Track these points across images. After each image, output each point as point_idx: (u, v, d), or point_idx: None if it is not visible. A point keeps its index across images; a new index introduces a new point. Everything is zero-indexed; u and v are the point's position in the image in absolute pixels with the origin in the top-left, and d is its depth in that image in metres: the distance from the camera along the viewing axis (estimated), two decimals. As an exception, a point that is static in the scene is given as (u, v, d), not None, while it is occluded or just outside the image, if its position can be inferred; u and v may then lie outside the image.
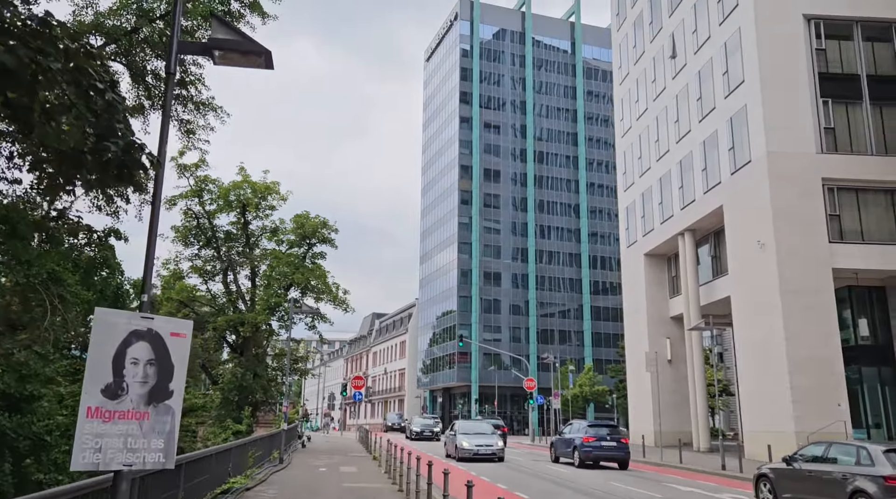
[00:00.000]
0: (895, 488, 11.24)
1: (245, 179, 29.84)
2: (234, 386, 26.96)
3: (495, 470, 21.34)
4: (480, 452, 24.96)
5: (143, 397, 5.56)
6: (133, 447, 5.47)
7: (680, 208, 36.28)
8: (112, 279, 15.94)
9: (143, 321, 5.66)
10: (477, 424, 29.89)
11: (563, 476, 19.94)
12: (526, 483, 17.49)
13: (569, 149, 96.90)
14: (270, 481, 16.31)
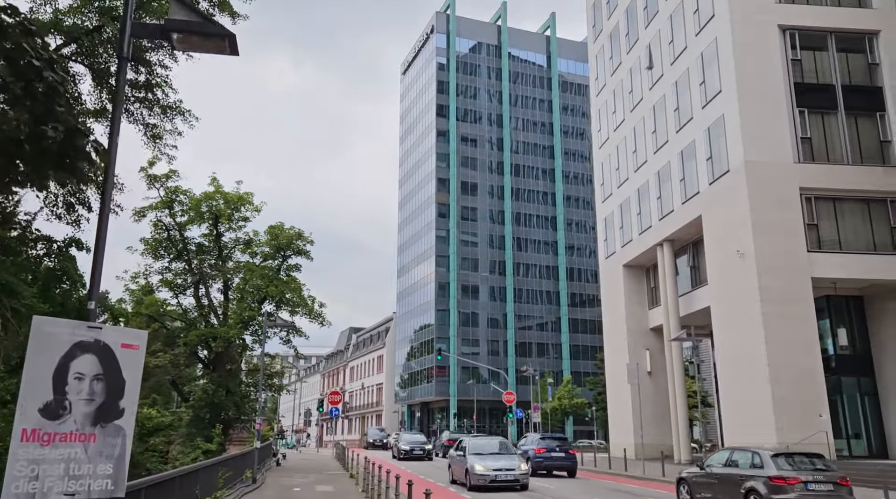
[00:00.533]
0: (779, 486, 13.42)
1: (217, 190, 29.06)
2: (205, 403, 26.00)
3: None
4: (499, 478, 18.91)
5: (88, 417, 4.95)
6: (76, 474, 4.85)
7: (658, 219, 36.19)
8: (74, 292, 15.12)
9: (89, 332, 5.07)
10: (489, 441, 22.42)
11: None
12: None
13: (545, 162, 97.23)
14: (241, 503, 15.58)
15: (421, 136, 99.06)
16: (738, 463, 15.04)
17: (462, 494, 18.74)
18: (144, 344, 5.44)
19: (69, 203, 13.96)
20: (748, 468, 14.52)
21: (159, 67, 13.22)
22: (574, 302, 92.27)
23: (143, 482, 8.86)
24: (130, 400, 5.23)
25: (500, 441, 22.26)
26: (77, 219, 14.15)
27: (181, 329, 28.39)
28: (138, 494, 8.56)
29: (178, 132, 14.11)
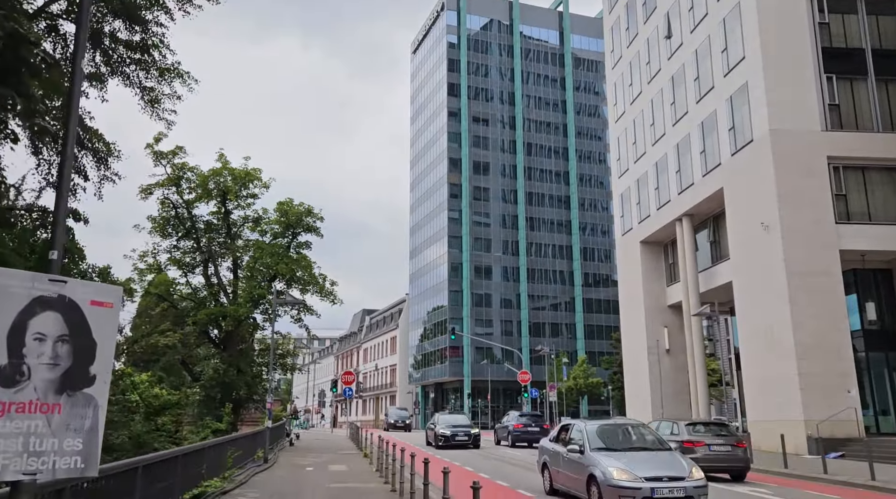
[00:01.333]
0: (689, 448, 16.73)
1: (225, 166, 28.35)
2: (216, 382, 25.55)
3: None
4: None
5: (51, 384, 4.25)
6: (37, 450, 4.16)
7: (677, 193, 35.18)
8: (73, 266, 14.51)
9: (51, 285, 4.36)
10: (627, 429, 13.15)
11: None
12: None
13: (558, 140, 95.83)
14: (252, 483, 15.02)
15: (432, 115, 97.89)
16: (663, 430, 18.22)
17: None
18: (119, 301, 4.74)
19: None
20: (668, 436, 17.32)
21: (155, 26, 12.48)
22: (588, 282, 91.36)
23: (139, 461, 8.24)
24: (103, 366, 4.54)
25: (641, 430, 13.13)
26: (73, 188, 13.52)
27: (191, 308, 27.88)
28: (133, 473, 7.95)
29: (176, 96, 13.40)
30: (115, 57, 12.66)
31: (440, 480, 9.26)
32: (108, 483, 7.24)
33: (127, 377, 18.16)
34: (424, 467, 10.22)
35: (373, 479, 16.37)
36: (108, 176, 13.47)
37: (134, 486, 7.96)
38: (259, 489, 13.98)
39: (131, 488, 7.91)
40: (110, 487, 7.25)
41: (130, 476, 7.87)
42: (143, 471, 8.21)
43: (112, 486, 7.27)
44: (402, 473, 12.59)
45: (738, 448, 17.38)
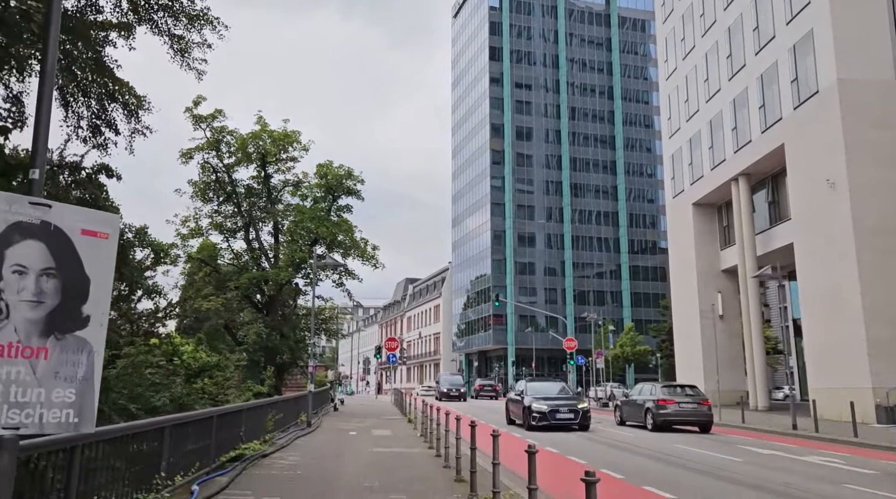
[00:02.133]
0: (663, 405, 20.90)
1: (263, 129, 27.86)
2: (259, 347, 25.44)
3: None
4: None
5: (35, 325, 3.60)
6: (20, 401, 3.52)
7: (733, 152, 33.43)
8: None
9: (32, 210, 3.67)
10: None
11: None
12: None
13: (604, 103, 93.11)
14: (293, 447, 14.65)
15: (473, 81, 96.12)
16: (643, 392, 22.77)
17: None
18: (117, 232, 4.05)
19: (94, 125, 12.87)
20: (648, 395, 22.10)
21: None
22: (634, 249, 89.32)
23: (167, 420, 7.73)
24: (99, 305, 3.86)
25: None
26: (104, 142, 13.06)
27: (233, 273, 27.73)
28: (160, 433, 7.44)
29: (206, 45, 12.76)
30: (143, 3, 12.06)
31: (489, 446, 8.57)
32: (132, 444, 6.73)
33: (169, 341, 18.00)
34: (472, 431, 9.54)
35: (417, 443, 15.85)
36: (140, 129, 12.97)
37: (161, 446, 7.46)
38: (300, 452, 13.57)
39: (158, 448, 7.42)
40: (134, 447, 6.74)
41: (157, 436, 7.37)
42: (171, 431, 7.71)
43: (136, 446, 6.77)
44: (447, 438, 11.97)
45: (703, 406, 21.25)
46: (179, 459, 8.21)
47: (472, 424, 10.12)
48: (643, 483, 10.32)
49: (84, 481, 5.74)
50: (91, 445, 5.74)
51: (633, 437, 18.91)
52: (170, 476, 7.67)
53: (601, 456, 14.02)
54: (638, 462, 13.14)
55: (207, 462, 9.60)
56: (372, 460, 12.55)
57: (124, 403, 15.25)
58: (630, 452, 15.08)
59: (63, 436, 5.34)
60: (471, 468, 8.68)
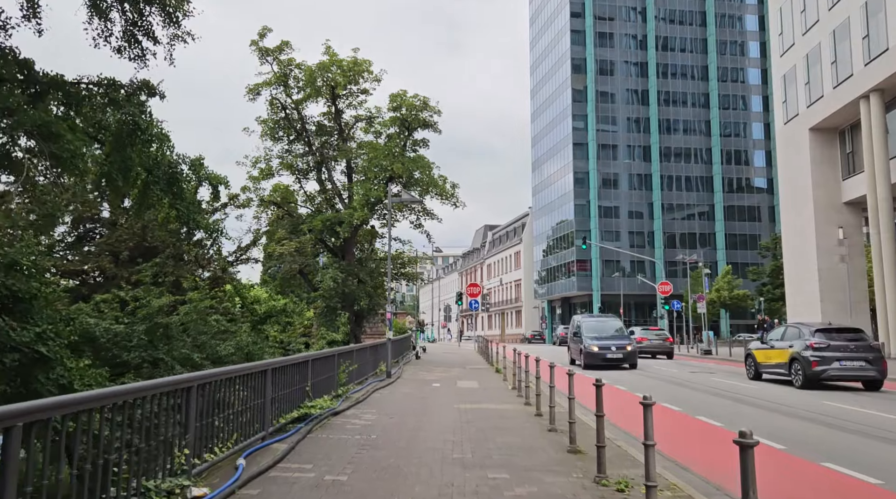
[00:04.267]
0: (640, 342, 28.45)
1: (332, 59, 25.74)
2: (334, 293, 23.93)
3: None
4: None
5: None
6: None
7: (863, 64, 28.92)
8: (161, 154, 12.48)
9: None
10: None
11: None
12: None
13: (696, 31, 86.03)
14: (370, 402, 12.89)
15: (553, 13, 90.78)
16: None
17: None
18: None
19: (129, 33, 11.06)
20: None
21: None
22: (730, 187, 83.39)
23: (192, 379, 5.81)
24: None
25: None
26: (142, 53, 11.26)
27: (307, 216, 26.23)
28: (185, 394, 5.55)
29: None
30: None
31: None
32: (138, 411, 4.85)
33: (233, 284, 16.58)
34: (569, 381, 7.37)
35: (510, 398, 13.81)
36: (180, 35, 11.08)
37: (188, 410, 5.58)
38: (377, 409, 11.76)
39: (183, 415, 5.54)
40: (143, 415, 4.85)
41: (179, 397, 5.48)
42: (199, 391, 5.81)
43: (147, 414, 4.88)
44: (552, 397, 9.80)
45: (666, 342, 29.81)
46: (215, 427, 6.35)
47: (570, 373, 8.00)
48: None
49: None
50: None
51: (781, 394, 16.17)
52: (199, 450, 5.82)
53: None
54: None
55: (261, 427, 7.78)
56: (460, 419, 10.57)
57: (188, 352, 13.88)
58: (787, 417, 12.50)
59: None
60: (598, 443, 6.43)
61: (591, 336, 23.89)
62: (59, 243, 21.98)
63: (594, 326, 25.10)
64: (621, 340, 23.94)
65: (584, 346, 23.49)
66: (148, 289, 14.31)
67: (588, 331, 24.39)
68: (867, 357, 16.48)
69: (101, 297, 14.68)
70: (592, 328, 24.69)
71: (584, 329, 24.58)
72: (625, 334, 25.22)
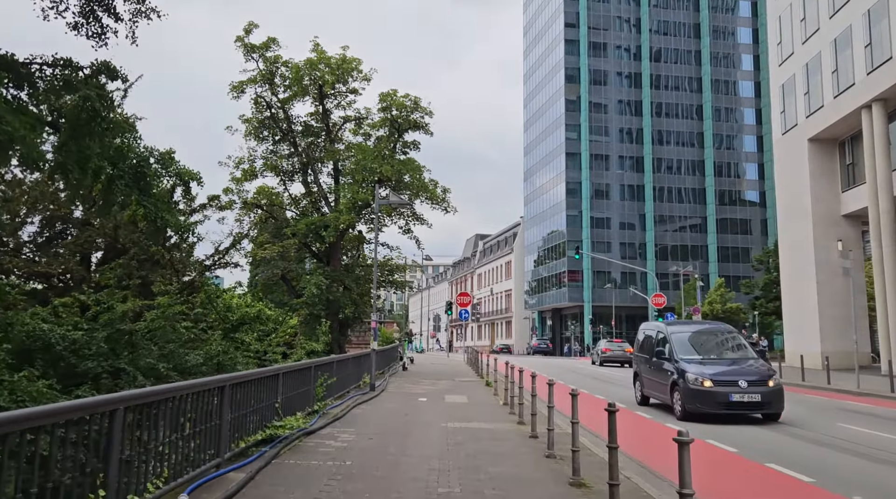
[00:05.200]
0: (604, 352, 39.99)
1: (320, 56, 24.79)
2: (318, 300, 22.86)
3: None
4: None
5: None
6: None
7: (866, 73, 28.25)
8: (126, 146, 11.44)
9: None
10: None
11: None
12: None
13: (689, 43, 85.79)
14: (349, 419, 11.82)
15: (547, 22, 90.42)
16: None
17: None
18: None
19: (87, 7, 10.04)
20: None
21: None
22: (723, 200, 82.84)
23: (116, 399, 4.76)
24: None
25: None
26: (102, 31, 10.23)
27: (291, 220, 25.16)
28: (107, 419, 4.49)
29: None
30: None
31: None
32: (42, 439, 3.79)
33: (205, 287, 15.48)
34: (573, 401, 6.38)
35: (501, 415, 12.79)
36: (143, 10, 10.07)
37: (110, 441, 4.51)
38: (356, 428, 10.69)
39: (106, 441, 4.47)
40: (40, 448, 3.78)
41: (96, 424, 4.42)
42: (127, 416, 4.75)
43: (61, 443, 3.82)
44: (551, 419, 8.76)
45: (627, 353, 30.92)
46: (152, 456, 5.29)
47: (574, 393, 7.01)
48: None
49: None
50: None
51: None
52: (127, 488, 4.75)
53: None
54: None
55: (216, 453, 6.71)
56: (447, 441, 9.52)
57: (153, 362, 12.76)
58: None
59: None
60: (610, 480, 5.41)
61: (690, 358, 13.67)
62: (28, 245, 20.86)
63: (694, 337, 14.87)
64: (752, 368, 13.44)
65: (683, 377, 13.06)
66: (112, 292, 13.20)
67: (683, 347, 14.15)
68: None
69: (60, 300, 13.57)
70: (691, 342, 14.53)
71: (676, 344, 14.19)
72: (753, 356, 14.32)
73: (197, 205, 20.52)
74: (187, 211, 19.87)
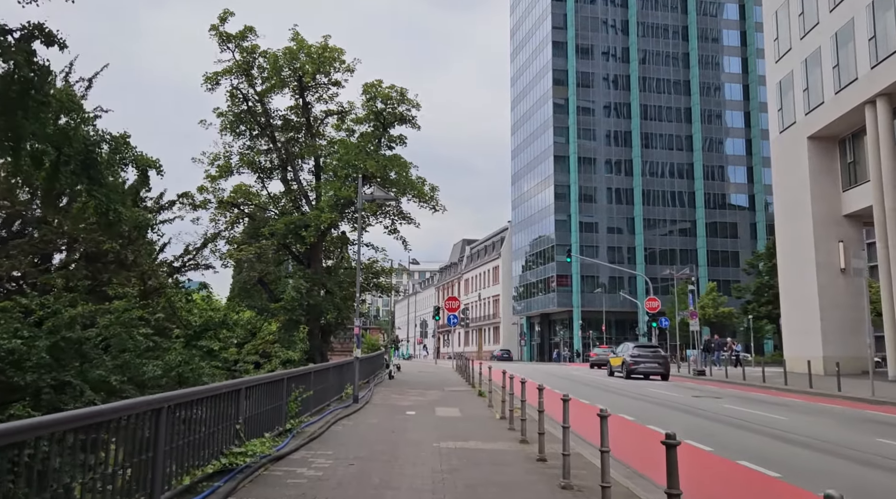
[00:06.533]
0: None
1: (300, 45, 23.33)
2: (297, 305, 21.33)
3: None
4: None
5: None
6: None
7: (870, 67, 27.24)
8: (73, 129, 9.95)
9: None
10: None
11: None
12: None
13: (678, 46, 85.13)
14: (327, 438, 10.34)
15: (535, 24, 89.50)
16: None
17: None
18: None
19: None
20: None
21: None
22: (712, 204, 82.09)
23: (38, 425, 3.28)
24: None
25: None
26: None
27: (268, 219, 23.62)
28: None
29: None
30: None
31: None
32: None
33: (166, 289, 13.92)
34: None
35: (500, 432, 11.37)
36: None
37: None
38: (335, 450, 9.21)
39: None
40: None
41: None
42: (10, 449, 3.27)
43: None
44: (566, 441, 7.35)
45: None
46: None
47: (603, 414, 5.72)
48: None
49: None
50: None
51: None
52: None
53: None
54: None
55: (148, 494, 5.23)
56: (441, 467, 8.08)
57: (104, 374, 11.22)
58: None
59: None
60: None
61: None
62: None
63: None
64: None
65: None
66: (59, 295, 11.67)
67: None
68: (659, 362, 29.57)
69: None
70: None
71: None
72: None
73: (166, 202, 19.01)
74: (155, 208, 18.33)
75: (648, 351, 30.23)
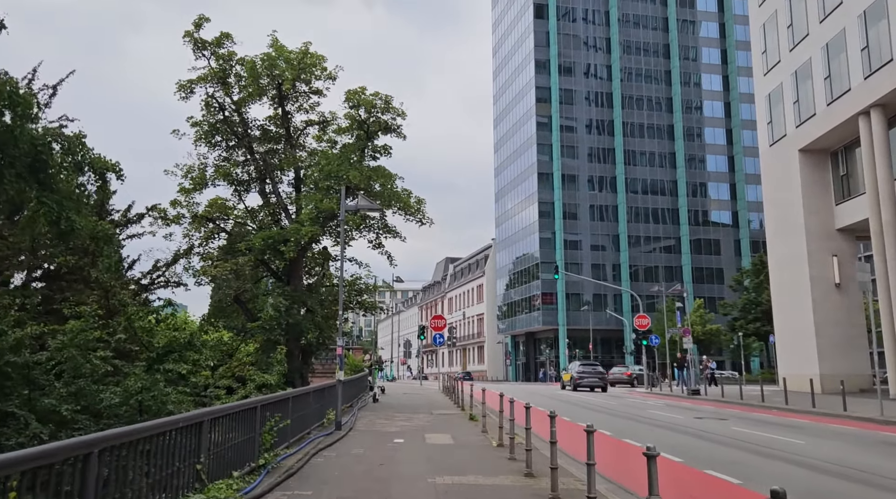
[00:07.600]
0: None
1: (279, 51, 22.29)
2: (276, 324, 20.07)
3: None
4: None
5: None
6: None
7: (863, 77, 26.77)
8: (18, 127, 8.79)
9: None
10: None
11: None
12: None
13: (659, 62, 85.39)
14: (305, 474, 9.13)
15: (517, 41, 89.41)
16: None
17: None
18: None
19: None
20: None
21: None
22: (696, 221, 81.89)
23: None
24: None
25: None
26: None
27: (245, 235, 22.38)
28: None
29: None
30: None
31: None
32: None
33: (126, 307, 12.65)
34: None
35: (499, 462, 10.22)
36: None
37: None
38: (314, 490, 8.00)
39: None
40: None
41: None
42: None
43: None
44: (591, 481, 6.24)
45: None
46: None
47: (650, 453, 4.54)
48: None
49: None
50: None
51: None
52: None
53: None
54: None
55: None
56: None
57: (54, 402, 9.92)
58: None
59: None
60: None
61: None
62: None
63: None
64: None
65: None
66: (4, 314, 10.40)
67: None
68: (600, 376, 36.94)
69: (-64, 326, 10.68)
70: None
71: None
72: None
73: (134, 215, 17.75)
74: (122, 221, 17.09)
75: (590, 368, 38.00)
